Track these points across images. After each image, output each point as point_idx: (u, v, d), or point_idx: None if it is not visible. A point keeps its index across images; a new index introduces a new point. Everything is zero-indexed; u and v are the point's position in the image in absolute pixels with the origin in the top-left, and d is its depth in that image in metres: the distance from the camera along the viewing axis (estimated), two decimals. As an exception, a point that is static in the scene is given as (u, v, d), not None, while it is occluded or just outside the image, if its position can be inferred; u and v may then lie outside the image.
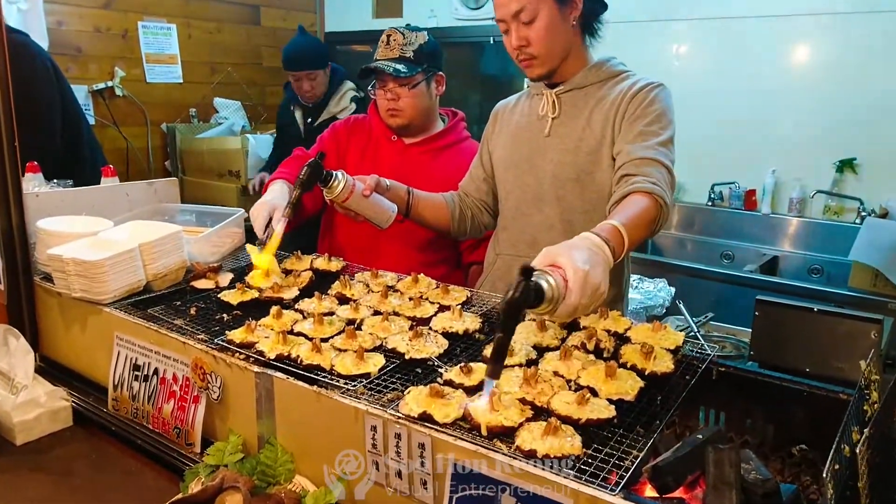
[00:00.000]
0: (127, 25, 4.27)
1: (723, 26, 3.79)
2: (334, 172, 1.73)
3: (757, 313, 2.07)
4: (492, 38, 4.94)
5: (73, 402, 1.65)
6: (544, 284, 1.08)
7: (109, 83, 4.20)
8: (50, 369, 1.82)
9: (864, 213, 3.43)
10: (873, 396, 1.13)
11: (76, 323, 1.75)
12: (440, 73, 2.20)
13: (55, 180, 2.32)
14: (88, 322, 1.71)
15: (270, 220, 1.91)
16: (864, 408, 1.08)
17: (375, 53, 2.15)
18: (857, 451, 0.90)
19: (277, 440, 1.32)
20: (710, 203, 3.95)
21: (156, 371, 1.52)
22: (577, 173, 1.73)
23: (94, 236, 1.79)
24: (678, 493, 1.05)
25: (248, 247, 1.88)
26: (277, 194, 2.02)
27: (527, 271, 1.05)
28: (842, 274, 3.30)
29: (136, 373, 1.56)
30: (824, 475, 0.84)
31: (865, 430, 0.94)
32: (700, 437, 1.09)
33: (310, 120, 3.76)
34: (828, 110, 3.56)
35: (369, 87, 2.21)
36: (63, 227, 1.83)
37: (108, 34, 4.20)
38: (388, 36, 2.13)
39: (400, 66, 2.08)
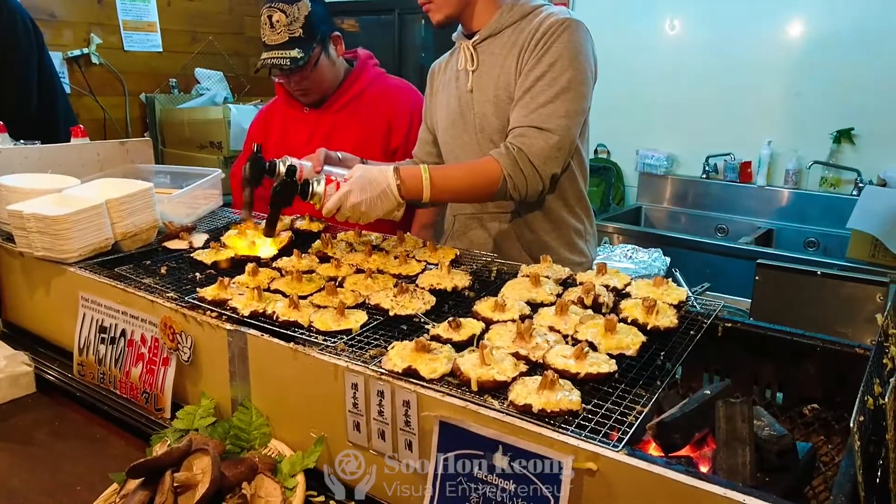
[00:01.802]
0: (103, -10, 4.11)
1: (717, -6, 3.69)
2: (276, 161, 1.65)
3: (757, 278, 2.00)
4: None
5: (35, 367, 1.55)
6: (316, 188, 1.47)
7: (85, 50, 4.05)
8: (13, 334, 1.72)
9: (861, 185, 3.36)
10: (892, 350, 1.05)
11: (40, 284, 1.65)
12: (335, 32, 2.10)
13: (21, 141, 2.20)
14: (52, 283, 1.61)
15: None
16: (885, 361, 1.00)
17: (263, 37, 1.99)
18: (884, 402, 0.82)
19: (252, 403, 1.23)
20: (704, 175, 3.87)
21: (123, 333, 1.42)
22: (502, 124, 1.64)
23: (59, 193, 1.68)
24: (685, 452, 0.97)
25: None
26: None
27: (290, 170, 1.49)
28: (838, 246, 3.24)
29: (103, 335, 1.46)
30: (852, 425, 0.76)
31: (891, 381, 0.86)
32: (708, 392, 1.01)
33: None
34: (825, 80, 3.48)
35: (268, 75, 2.09)
36: (26, 183, 1.72)
37: (84, -1, 4.04)
38: (270, 17, 1.96)
39: (294, 53, 1.96)
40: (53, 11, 3.90)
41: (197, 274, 1.51)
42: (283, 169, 1.61)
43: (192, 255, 1.58)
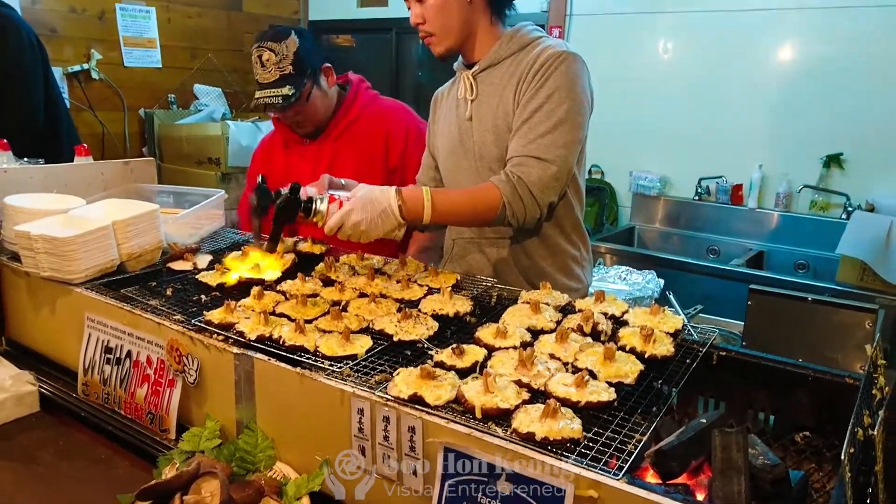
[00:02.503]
0: (104, 7, 4.16)
1: (711, 20, 3.77)
2: (280, 190, 1.59)
3: (750, 303, 2.04)
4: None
5: (40, 386, 1.56)
6: (319, 205, 1.49)
7: (85, 66, 4.08)
8: (16, 353, 1.73)
9: (850, 209, 3.42)
10: (881, 381, 1.09)
11: (45, 304, 1.66)
12: (325, 64, 2.13)
13: (25, 159, 2.23)
14: (58, 303, 1.63)
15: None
16: (874, 392, 1.04)
17: (255, 76, 2.04)
18: (874, 433, 0.85)
19: (257, 425, 1.25)
20: (696, 197, 3.93)
21: (129, 354, 1.44)
22: (500, 152, 1.68)
23: (65, 214, 1.70)
24: (682, 479, 1.00)
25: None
26: None
27: (294, 188, 1.49)
28: (828, 269, 3.29)
29: (108, 356, 1.48)
30: (842, 457, 0.79)
31: (880, 413, 0.89)
32: (703, 421, 1.04)
33: None
34: (814, 106, 3.55)
35: (271, 114, 2.17)
36: (32, 203, 1.74)
37: (85, 15, 4.08)
38: (260, 56, 2.01)
39: (286, 90, 1.99)
40: (55, 27, 3.94)
41: (202, 296, 1.53)
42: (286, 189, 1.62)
43: (196, 276, 1.60)
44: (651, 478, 1.00)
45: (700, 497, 0.98)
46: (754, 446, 0.99)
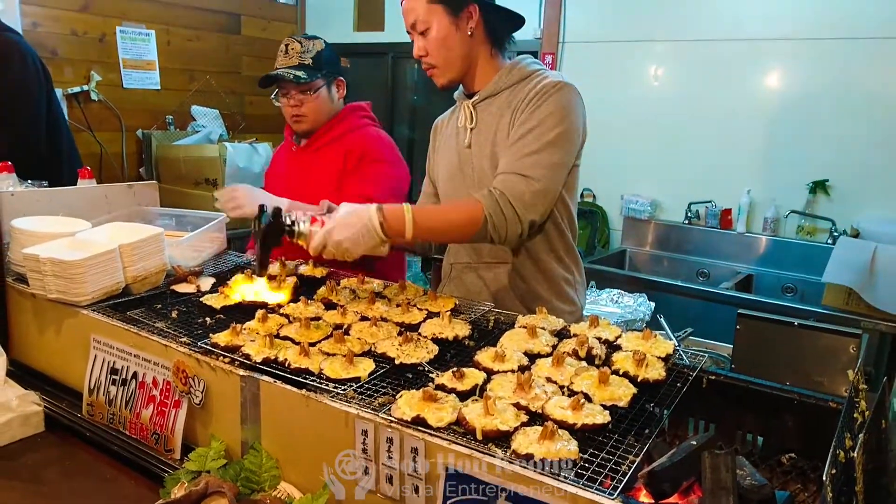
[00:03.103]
0: (105, 30, 4.21)
1: (701, 49, 3.87)
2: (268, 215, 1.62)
3: (738, 327, 2.09)
4: (473, 55, 4.97)
5: (45, 406, 1.59)
6: (301, 227, 1.53)
7: (85, 87, 4.13)
8: (21, 373, 1.75)
9: (836, 234, 3.50)
10: (862, 405, 1.14)
11: (50, 325, 1.70)
12: (340, 77, 2.29)
13: (29, 181, 2.27)
14: (64, 325, 1.66)
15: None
16: (855, 415, 1.09)
17: (276, 65, 2.23)
18: (854, 455, 0.90)
19: (262, 446, 1.29)
20: (686, 221, 4.00)
21: (135, 375, 1.48)
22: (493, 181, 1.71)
23: (72, 237, 1.74)
24: (673, 499, 1.04)
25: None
26: None
27: (275, 211, 1.54)
28: (815, 292, 3.36)
29: (114, 377, 1.51)
30: (824, 479, 0.84)
31: (860, 436, 0.94)
32: (694, 443, 1.09)
33: None
34: (801, 133, 3.64)
35: (272, 96, 2.30)
36: (39, 226, 1.78)
37: (85, 38, 4.14)
38: (287, 45, 2.22)
39: (300, 73, 2.17)
40: (56, 49, 3.99)
41: (207, 318, 1.57)
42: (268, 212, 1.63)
43: (201, 299, 1.64)
44: (644, 497, 1.05)
45: (691, 516, 1.02)
46: (742, 467, 1.04)
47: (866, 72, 3.44)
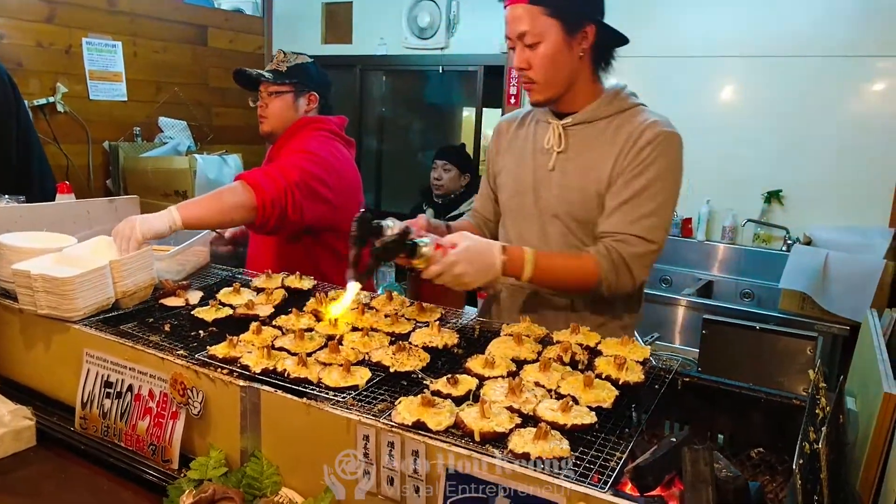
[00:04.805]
0: (71, 41, 4.19)
1: (661, 65, 4.03)
2: (381, 222, 1.59)
3: (704, 331, 2.21)
4: (440, 68, 5.08)
5: (36, 421, 1.60)
6: (424, 249, 1.49)
7: (51, 99, 4.09)
8: (8, 389, 1.76)
9: (790, 241, 3.69)
10: (822, 402, 1.25)
11: (39, 341, 1.71)
12: (313, 93, 2.36)
13: (6, 196, 2.26)
14: (53, 340, 1.68)
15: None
16: (817, 411, 1.19)
17: None
18: (818, 447, 1.00)
19: (262, 453, 1.34)
20: (649, 230, 4.14)
21: (130, 388, 1.51)
22: (578, 212, 1.69)
23: (59, 252, 1.76)
24: (657, 492, 1.13)
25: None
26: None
27: (405, 231, 1.48)
28: (771, 297, 3.53)
29: (108, 390, 1.54)
30: (794, 468, 0.93)
31: (823, 429, 1.04)
32: (674, 440, 1.18)
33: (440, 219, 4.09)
34: (756, 146, 3.83)
35: (250, 99, 2.37)
36: (26, 242, 1.79)
37: (51, 49, 4.10)
38: (275, 55, 2.36)
39: (267, 74, 2.28)
40: (21, 61, 3.95)
41: (200, 331, 1.60)
42: (394, 228, 1.57)
43: (192, 312, 1.68)
44: (629, 491, 1.13)
45: (673, 507, 1.11)
46: (718, 461, 1.13)
47: (818, 89, 3.65)
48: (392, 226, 1.58)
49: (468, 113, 6.70)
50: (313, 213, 2.14)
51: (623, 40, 1.71)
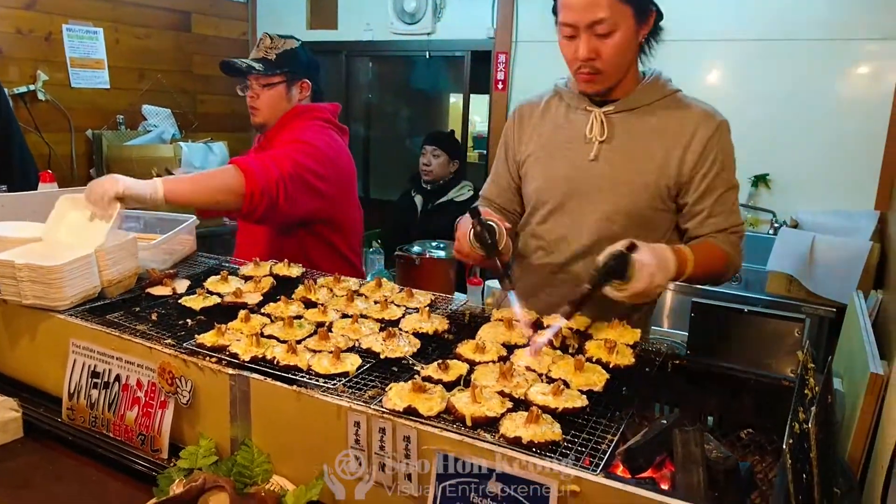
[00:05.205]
0: (51, 28, 4.11)
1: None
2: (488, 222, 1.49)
3: (693, 314, 2.22)
4: (427, 53, 5.04)
5: (23, 412, 1.59)
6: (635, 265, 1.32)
7: (31, 87, 4.03)
8: (-8, 381, 1.74)
9: (776, 224, 3.70)
10: (811, 383, 1.26)
11: (24, 332, 1.69)
12: (305, 80, 2.28)
13: (-11, 186, 2.23)
14: (38, 330, 1.65)
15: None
16: (805, 391, 1.20)
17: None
18: (807, 426, 1.01)
19: (252, 441, 1.33)
20: (637, 215, 4.15)
21: (117, 378, 1.49)
22: (626, 205, 1.63)
23: (42, 241, 1.74)
24: (648, 474, 1.14)
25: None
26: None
27: (631, 247, 1.32)
28: (758, 280, 3.55)
29: (95, 380, 1.52)
30: (784, 448, 0.94)
31: (812, 409, 1.05)
32: (664, 422, 1.18)
33: (429, 206, 4.13)
34: (744, 130, 3.80)
35: (238, 87, 2.28)
36: (8, 232, 1.76)
37: (31, 36, 4.03)
38: (261, 41, 2.25)
39: (257, 65, 2.18)
40: (0, 48, 3.87)
41: (188, 320, 1.59)
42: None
43: (179, 301, 1.66)
44: (621, 473, 1.13)
45: (664, 488, 1.11)
46: (708, 442, 1.14)
47: (806, 72, 3.65)
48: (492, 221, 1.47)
49: (455, 100, 6.68)
50: (308, 205, 2.10)
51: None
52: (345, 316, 1.57)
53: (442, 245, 3.59)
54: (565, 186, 1.69)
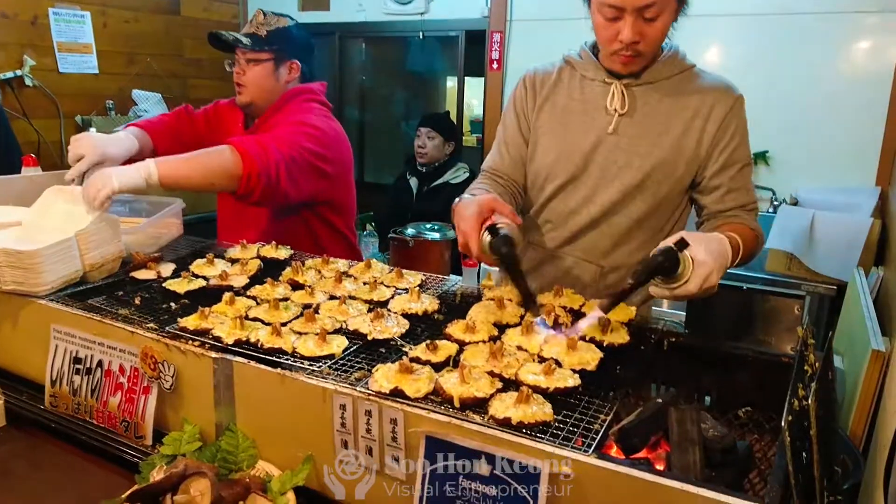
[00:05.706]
0: (37, 11, 4.04)
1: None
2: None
3: (691, 293, 2.19)
4: (420, 34, 4.96)
5: (4, 400, 1.55)
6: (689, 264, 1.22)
7: (18, 72, 3.96)
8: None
9: (776, 202, 3.66)
10: (811, 359, 1.22)
11: (4, 318, 1.64)
12: (294, 61, 2.21)
13: (-29, 171, 2.18)
14: (19, 316, 1.62)
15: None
16: (805, 368, 1.16)
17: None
18: (807, 403, 0.97)
19: (237, 427, 1.29)
20: (635, 195, 4.10)
21: (100, 363, 1.45)
22: (643, 179, 1.61)
23: (20, 226, 1.70)
24: (642, 454, 1.10)
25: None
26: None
27: (681, 243, 1.21)
28: (758, 258, 3.49)
29: (77, 366, 1.49)
30: (783, 425, 0.90)
31: (812, 385, 1.01)
32: (659, 401, 1.15)
33: (425, 188, 4.11)
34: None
35: (226, 62, 2.22)
36: (-7, 216, 1.72)
37: (16, 20, 3.96)
38: (255, 15, 2.18)
39: (245, 39, 2.12)
40: (-16, 33, 3.81)
41: (172, 304, 1.55)
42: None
43: (164, 284, 1.62)
44: (615, 453, 1.10)
45: (660, 468, 1.08)
46: (705, 420, 1.10)
47: (803, 48, 3.59)
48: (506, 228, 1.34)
49: (451, 83, 6.60)
50: (311, 188, 2.05)
51: None
52: (332, 298, 1.53)
53: (436, 227, 3.55)
54: (581, 159, 1.65)
